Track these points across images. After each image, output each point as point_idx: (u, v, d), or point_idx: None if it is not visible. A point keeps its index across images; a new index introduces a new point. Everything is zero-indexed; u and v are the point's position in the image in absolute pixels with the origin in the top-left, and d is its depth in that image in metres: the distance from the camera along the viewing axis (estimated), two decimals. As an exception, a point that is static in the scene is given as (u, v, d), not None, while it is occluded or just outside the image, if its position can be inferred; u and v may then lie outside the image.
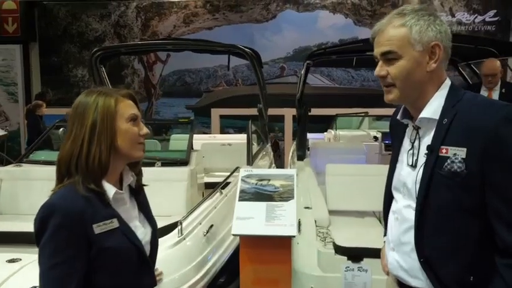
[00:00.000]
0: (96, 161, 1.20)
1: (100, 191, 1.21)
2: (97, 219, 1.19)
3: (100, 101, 1.24)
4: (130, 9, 12.14)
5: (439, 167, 1.20)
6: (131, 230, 1.27)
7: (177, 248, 2.01)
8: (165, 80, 12.22)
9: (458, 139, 1.18)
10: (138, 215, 1.37)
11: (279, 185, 2.17)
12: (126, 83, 12.38)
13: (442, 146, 1.20)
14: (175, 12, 11.89)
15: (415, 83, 1.25)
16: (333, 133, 6.39)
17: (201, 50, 4.80)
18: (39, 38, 11.92)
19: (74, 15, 12.05)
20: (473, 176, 1.16)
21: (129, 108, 1.28)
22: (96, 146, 1.21)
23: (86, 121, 1.22)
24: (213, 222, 2.33)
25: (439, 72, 1.26)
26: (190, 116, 12.26)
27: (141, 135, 1.29)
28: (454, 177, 1.18)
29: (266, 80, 11.14)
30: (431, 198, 1.22)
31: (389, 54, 1.25)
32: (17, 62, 11.82)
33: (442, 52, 1.24)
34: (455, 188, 1.18)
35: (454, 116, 1.20)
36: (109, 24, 12.15)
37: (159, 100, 12.34)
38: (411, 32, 1.23)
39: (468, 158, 1.16)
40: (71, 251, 1.14)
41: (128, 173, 1.35)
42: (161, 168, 3.40)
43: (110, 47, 4.81)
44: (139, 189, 1.41)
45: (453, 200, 1.19)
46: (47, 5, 11.78)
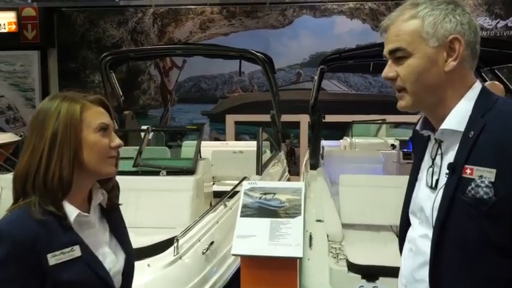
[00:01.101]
0: (55, 179, 1.03)
1: (59, 214, 1.04)
2: (53, 248, 1.01)
3: (63, 108, 1.07)
4: (147, 16, 12.16)
5: (462, 191, 0.98)
6: (97, 259, 1.10)
7: (171, 268, 1.84)
8: (181, 86, 12.19)
9: (487, 157, 0.95)
10: (110, 239, 1.19)
11: (285, 200, 1.98)
12: (143, 89, 12.41)
13: (466, 165, 0.98)
14: (192, 18, 11.86)
15: (429, 86, 1.03)
16: (349, 141, 6.18)
17: (212, 55, 4.67)
18: (57, 44, 12.05)
19: (92, 22, 12.14)
20: (504, 204, 0.92)
21: (98, 117, 1.11)
22: (56, 160, 1.04)
23: (46, 131, 1.05)
24: (214, 239, 2.16)
25: (462, 72, 1.04)
26: (206, 122, 12.21)
27: (112, 147, 1.12)
28: (479, 205, 0.95)
29: (282, 86, 11.10)
30: (451, 229, 0.99)
31: (398, 51, 1.04)
32: (35, 68, 11.95)
33: (463, 48, 1.01)
34: (481, 219, 0.95)
35: (482, 128, 0.97)
36: (126, 30, 12.19)
37: (174, 106, 12.31)
38: (423, 24, 1.02)
39: (498, 182, 0.93)
40: (17, 285, 0.97)
41: (98, 191, 1.17)
42: (166, 177, 3.26)
43: (119, 51, 4.73)
44: (113, 209, 1.22)
45: (478, 234, 0.96)
46: (66, 11, 11.90)
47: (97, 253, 1.11)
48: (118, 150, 1.17)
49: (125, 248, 1.21)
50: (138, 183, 3.22)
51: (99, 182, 1.17)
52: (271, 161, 4.35)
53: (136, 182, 3.24)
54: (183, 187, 3.12)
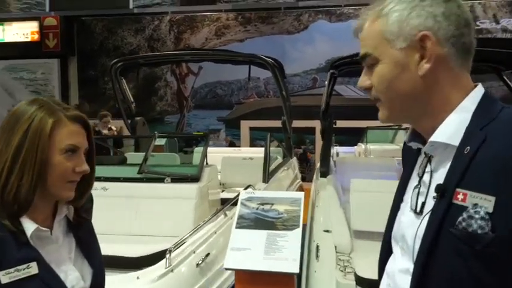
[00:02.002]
0: (11, 194, 0.96)
1: (15, 230, 0.97)
2: (7, 265, 0.94)
3: (36, 119, 0.99)
4: (164, 23, 12.26)
5: (451, 221, 0.78)
6: (56, 276, 1.02)
7: (162, 282, 1.76)
8: (197, 92, 12.24)
9: (485, 180, 0.75)
10: (75, 255, 1.11)
11: (283, 211, 1.89)
12: (159, 95, 12.51)
13: (458, 189, 0.78)
14: (207, 25, 11.90)
15: (405, 96, 0.86)
16: (363, 147, 6.03)
17: (222, 60, 4.62)
18: (77, 52, 12.26)
19: (110, 30, 12.31)
20: (505, 243, 0.72)
21: (69, 136, 1.02)
22: (16, 176, 0.96)
23: (13, 139, 0.98)
24: (210, 250, 2.08)
25: (446, 74, 0.84)
26: (222, 128, 12.21)
27: (76, 172, 1.03)
28: (471, 242, 0.74)
29: (298, 92, 11.00)
30: (435, 265, 0.80)
31: (367, 58, 0.89)
32: (55, 76, 12.19)
33: (436, 45, 0.82)
34: (472, 259, 0.75)
35: (481, 144, 0.78)
36: (143, 38, 12.32)
37: (191, 112, 12.36)
38: (387, 23, 0.85)
39: (497, 214, 0.72)
40: None
41: (63, 206, 1.10)
42: (170, 184, 3.21)
43: (128, 58, 4.73)
44: (81, 223, 1.14)
45: (467, 277, 0.76)
46: (85, 20, 12.10)
47: (59, 270, 1.03)
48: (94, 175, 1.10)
49: (93, 265, 1.13)
50: (142, 191, 3.18)
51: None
52: (280, 168, 4.25)
53: (141, 189, 3.20)
54: (186, 194, 3.05)
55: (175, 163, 4.80)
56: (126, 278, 1.74)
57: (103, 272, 1.17)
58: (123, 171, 3.53)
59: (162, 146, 5.69)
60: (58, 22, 11.62)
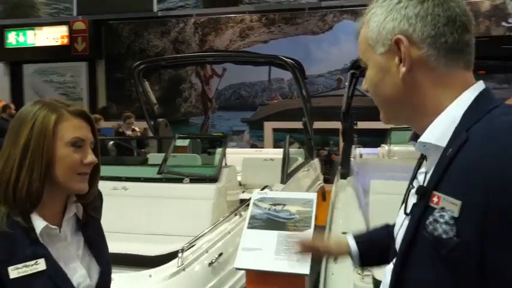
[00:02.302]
0: (24, 190, 0.99)
1: (26, 226, 1.00)
2: (16, 261, 0.97)
3: (39, 117, 1.03)
4: (189, 26, 12.41)
5: (426, 224, 0.76)
6: (63, 273, 1.04)
7: (173, 280, 1.78)
8: (221, 94, 12.32)
9: (455, 184, 0.73)
10: (83, 253, 1.14)
11: (295, 211, 1.88)
12: (184, 97, 12.67)
13: (434, 192, 0.76)
14: (231, 27, 11.98)
15: (389, 99, 0.87)
16: (387, 148, 5.93)
17: (242, 61, 4.64)
18: (105, 55, 12.55)
19: (137, 33, 12.55)
20: (468, 249, 0.69)
21: (73, 130, 1.05)
22: (26, 172, 1.00)
23: (20, 139, 1.01)
24: (223, 250, 2.09)
25: (431, 76, 0.82)
26: (246, 129, 12.26)
27: (84, 164, 1.06)
28: (437, 246, 0.73)
29: (322, 93, 10.92)
30: (411, 268, 0.80)
31: (361, 63, 0.91)
32: (83, 79, 12.52)
33: (411, 48, 0.81)
34: (439, 264, 0.73)
35: (461, 145, 0.74)
36: (168, 40, 12.51)
37: (215, 114, 12.45)
38: (368, 29, 0.87)
39: (463, 219, 0.70)
40: None
41: (72, 204, 1.13)
42: (188, 185, 3.24)
43: (151, 60, 4.81)
44: (90, 222, 1.17)
45: (435, 281, 0.74)
46: (113, 24, 12.37)
47: (66, 267, 1.06)
48: (100, 167, 1.12)
49: (100, 263, 1.16)
50: (162, 191, 3.23)
51: (76, 195, 1.13)
52: (300, 169, 4.23)
53: (160, 189, 3.24)
54: (204, 195, 3.08)
55: (196, 164, 4.85)
56: (138, 276, 1.77)
57: (110, 271, 1.20)
58: (143, 171, 3.59)
59: (186, 147, 5.74)
60: (86, 26, 11.94)
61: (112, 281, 1.66)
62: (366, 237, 1.25)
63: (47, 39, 12.06)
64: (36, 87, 12.65)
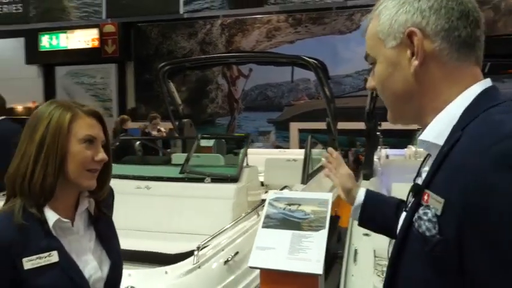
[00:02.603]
0: (38, 184, 1.04)
1: (40, 218, 1.05)
2: (30, 253, 1.02)
3: (55, 115, 1.08)
4: (215, 27, 12.53)
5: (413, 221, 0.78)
6: (75, 265, 1.09)
7: (189, 277, 1.81)
8: (247, 95, 12.38)
9: (442, 182, 0.73)
10: (95, 247, 1.18)
11: (310, 211, 1.87)
12: (211, 98, 12.80)
13: (425, 190, 0.76)
14: (258, 27, 12.02)
15: (398, 94, 0.85)
16: (413, 149, 5.81)
17: (265, 62, 4.65)
18: (134, 57, 12.82)
19: (165, 35, 12.77)
20: (448, 248, 0.69)
21: (86, 128, 1.11)
22: (41, 166, 1.05)
23: (36, 136, 1.07)
24: (239, 249, 2.10)
25: (442, 71, 0.81)
26: (272, 130, 12.27)
27: (95, 161, 1.11)
28: (421, 243, 0.73)
29: (350, 93, 10.79)
30: (403, 265, 0.80)
31: (368, 58, 0.90)
32: (113, 80, 12.84)
33: (424, 41, 0.79)
34: (423, 261, 0.73)
35: (454, 144, 0.74)
36: (196, 42, 12.67)
37: (241, 114, 12.51)
38: (379, 23, 0.85)
39: (445, 217, 0.69)
40: None
41: (84, 199, 1.17)
42: (210, 184, 3.27)
43: (175, 61, 4.88)
44: (101, 217, 1.22)
45: (420, 278, 0.75)
46: (141, 26, 12.62)
47: (78, 260, 1.10)
48: (111, 165, 1.17)
49: (111, 257, 1.20)
50: (183, 190, 3.27)
51: (90, 192, 1.17)
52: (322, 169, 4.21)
53: (182, 188, 3.29)
54: (224, 194, 3.10)
55: (219, 164, 4.90)
56: (155, 272, 1.82)
57: (121, 265, 1.23)
58: (166, 171, 3.65)
59: (211, 148, 5.80)
60: (116, 29, 12.23)
61: (129, 277, 1.72)
62: (376, 200, 1.25)
63: (78, 42, 12.44)
64: (67, 89, 13.06)
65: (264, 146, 10.52)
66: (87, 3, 7.98)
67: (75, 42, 12.46)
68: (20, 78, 12.73)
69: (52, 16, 7.86)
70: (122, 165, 4.03)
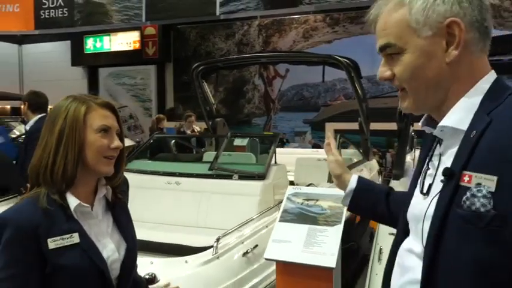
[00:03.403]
0: (60, 172, 1.14)
1: (63, 204, 1.15)
2: (54, 234, 1.11)
3: (71, 108, 1.18)
4: (253, 28, 12.64)
5: (458, 202, 0.79)
6: (94, 246, 1.17)
7: (208, 267, 1.88)
8: (284, 95, 12.39)
9: (488, 162, 0.77)
10: (112, 230, 1.27)
11: (327, 207, 1.89)
12: (247, 98, 12.92)
13: (464, 171, 0.79)
14: (295, 27, 12.01)
15: (430, 83, 0.87)
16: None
17: (296, 61, 4.67)
18: (173, 59, 13.15)
19: (203, 37, 13.02)
20: (505, 221, 0.73)
21: (101, 118, 1.19)
22: (61, 156, 1.14)
23: (55, 128, 1.16)
24: (259, 243, 2.15)
25: (469, 60, 0.85)
26: (308, 130, 12.23)
27: (111, 148, 1.19)
28: (475, 220, 0.76)
29: (389, 93, 10.55)
30: (444, 247, 0.81)
31: (388, 48, 0.89)
32: (152, 81, 13.22)
33: (464, 32, 0.83)
34: (476, 238, 0.76)
35: (486, 127, 0.79)
36: (233, 43, 12.82)
37: (277, 114, 12.55)
38: (411, 12, 0.85)
39: (499, 192, 0.74)
40: (21, 267, 1.08)
41: (102, 186, 1.26)
42: (237, 181, 3.34)
43: (209, 62, 5.00)
44: (118, 204, 1.31)
45: (472, 257, 0.77)
46: (181, 28, 12.93)
47: (97, 242, 1.19)
48: (124, 152, 1.25)
49: (127, 241, 1.28)
50: (212, 186, 3.36)
51: (107, 179, 1.27)
52: (351, 169, 4.18)
53: (210, 184, 3.38)
54: (251, 191, 3.16)
55: (250, 162, 4.97)
56: (175, 261, 1.90)
57: (136, 248, 1.31)
58: (197, 167, 3.75)
59: (244, 147, 5.87)
60: (156, 31, 12.59)
61: (151, 264, 1.82)
62: (367, 187, 1.29)
63: (121, 44, 12.90)
64: (109, 90, 13.58)
65: (300, 146, 10.49)
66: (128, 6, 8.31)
67: (118, 44, 12.93)
68: (66, 79, 13.36)
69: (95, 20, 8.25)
70: (154, 162, 4.18)
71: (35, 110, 3.56)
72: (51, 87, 13.59)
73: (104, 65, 13.26)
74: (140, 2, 8.38)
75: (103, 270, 1.17)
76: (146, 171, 3.72)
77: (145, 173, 3.67)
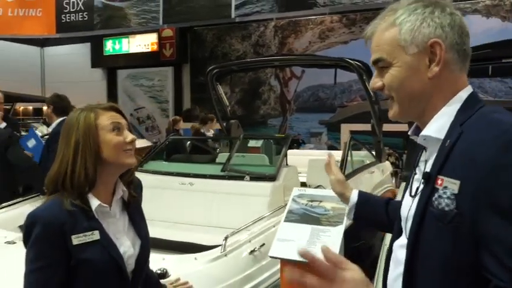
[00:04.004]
0: (82, 177, 1.26)
1: (84, 206, 1.27)
2: (77, 231, 1.24)
3: (81, 119, 1.30)
4: (269, 29, 12.71)
5: (432, 202, 0.93)
6: (113, 243, 1.30)
7: (215, 263, 1.98)
8: (300, 96, 12.42)
9: (456, 168, 0.90)
10: (128, 228, 1.39)
11: (330, 208, 1.97)
12: (263, 99, 12.99)
13: (438, 175, 0.93)
14: (311, 28, 12.04)
15: (414, 94, 1.00)
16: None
17: (308, 64, 4.74)
18: (190, 60, 13.32)
19: (219, 38, 13.15)
20: (464, 219, 0.86)
21: (110, 119, 1.32)
22: (80, 163, 1.26)
23: (70, 140, 1.29)
24: (266, 241, 2.23)
25: (449, 77, 0.99)
26: (323, 131, 12.24)
27: (127, 142, 1.32)
28: (441, 218, 0.90)
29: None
30: (423, 241, 0.95)
31: (380, 62, 1.03)
32: (169, 82, 13.42)
33: (444, 52, 0.96)
34: (443, 233, 0.89)
35: (458, 137, 0.92)
36: (249, 44, 12.92)
37: (293, 115, 12.58)
38: (401, 32, 0.99)
39: (461, 195, 0.87)
40: (49, 260, 1.21)
41: (120, 187, 1.38)
42: (248, 182, 3.43)
43: (223, 65, 5.12)
44: (133, 204, 1.43)
45: (441, 250, 0.90)
46: (197, 30, 13.08)
47: (115, 238, 1.32)
48: (134, 144, 1.37)
49: (141, 237, 1.41)
50: (224, 187, 3.46)
51: (121, 177, 1.39)
52: (362, 171, 4.23)
53: (222, 185, 3.48)
54: (261, 192, 3.25)
55: (263, 163, 5.05)
56: (185, 258, 2.01)
57: (148, 244, 1.44)
58: (210, 169, 3.85)
59: (259, 148, 5.95)
60: (174, 33, 12.77)
61: (163, 260, 1.93)
62: (367, 200, 1.46)
63: (139, 46, 13.14)
64: (128, 91, 13.84)
65: (316, 148, 10.51)
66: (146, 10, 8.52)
67: (136, 46, 13.17)
68: (86, 81, 13.67)
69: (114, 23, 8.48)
70: (170, 163, 4.31)
71: (59, 113, 3.75)
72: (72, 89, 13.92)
73: (122, 66, 13.51)
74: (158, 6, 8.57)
75: (120, 265, 1.30)
76: (161, 172, 3.85)
77: (160, 174, 3.81)
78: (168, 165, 4.17)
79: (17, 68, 13.59)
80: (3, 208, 2.72)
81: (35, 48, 14.43)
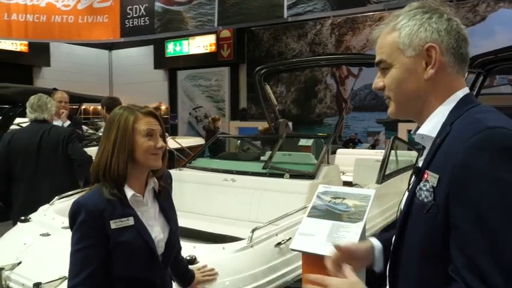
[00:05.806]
0: (115, 172, 1.43)
1: (120, 195, 1.44)
2: (115, 217, 1.41)
3: (122, 119, 1.47)
4: (325, 27, 12.65)
5: (416, 193, 1.01)
6: (145, 228, 1.47)
7: (241, 253, 2.10)
8: (356, 94, 12.23)
9: (438, 163, 0.97)
10: (158, 216, 1.56)
11: (352, 205, 2.02)
12: (319, 98, 12.95)
13: (426, 170, 0.99)
14: (369, 25, 11.83)
15: (410, 94, 1.06)
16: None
17: (355, 64, 4.73)
18: (247, 60, 13.58)
19: (275, 38, 13.29)
20: (439, 210, 0.93)
21: (146, 125, 1.47)
22: (115, 158, 1.44)
23: (111, 136, 1.47)
24: (293, 235, 2.31)
25: (445, 79, 1.04)
26: (381, 130, 11.98)
27: (157, 148, 1.47)
28: (421, 209, 0.97)
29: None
30: (406, 231, 1.03)
31: (382, 63, 1.10)
32: (226, 82, 13.78)
33: (440, 55, 1.02)
34: (422, 223, 0.97)
35: (446, 135, 0.98)
36: (305, 43, 12.94)
37: (349, 114, 12.42)
38: (400, 36, 1.06)
39: (438, 187, 0.94)
40: (91, 241, 1.40)
41: (151, 179, 1.55)
42: (288, 180, 3.53)
43: (271, 65, 5.23)
44: (163, 194, 1.60)
45: (419, 239, 0.97)
46: (254, 30, 13.31)
47: (147, 224, 1.49)
48: (167, 149, 1.54)
49: (170, 225, 1.57)
50: (264, 184, 3.58)
51: (152, 172, 1.56)
52: (404, 171, 4.17)
53: (263, 182, 3.60)
54: (299, 190, 3.32)
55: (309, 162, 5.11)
56: (214, 248, 2.15)
57: (177, 230, 1.60)
58: (252, 166, 3.99)
59: (309, 147, 6.01)
60: (231, 34, 13.09)
61: (194, 248, 2.10)
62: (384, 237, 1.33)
63: (198, 47, 13.63)
64: (187, 91, 14.40)
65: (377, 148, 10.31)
66: (202, 13, 8.85)
67: (195, 47, 13.67)
68: (149, 81, 14.42)
69: (173, 26, 8.89)
70: (216, 160, 4.51)
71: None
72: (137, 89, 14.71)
73: (182, 67, 14.07)
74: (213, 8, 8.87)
75: (152, 247, 1.47)
76: (207, 168, 4.06)
77: (206, 170, 4.01)
78: (214, 162, 4.37)
79: (89, 70, 14.65)
80: (63, 198, 3.03)
81: (104, 51, 15.47)
